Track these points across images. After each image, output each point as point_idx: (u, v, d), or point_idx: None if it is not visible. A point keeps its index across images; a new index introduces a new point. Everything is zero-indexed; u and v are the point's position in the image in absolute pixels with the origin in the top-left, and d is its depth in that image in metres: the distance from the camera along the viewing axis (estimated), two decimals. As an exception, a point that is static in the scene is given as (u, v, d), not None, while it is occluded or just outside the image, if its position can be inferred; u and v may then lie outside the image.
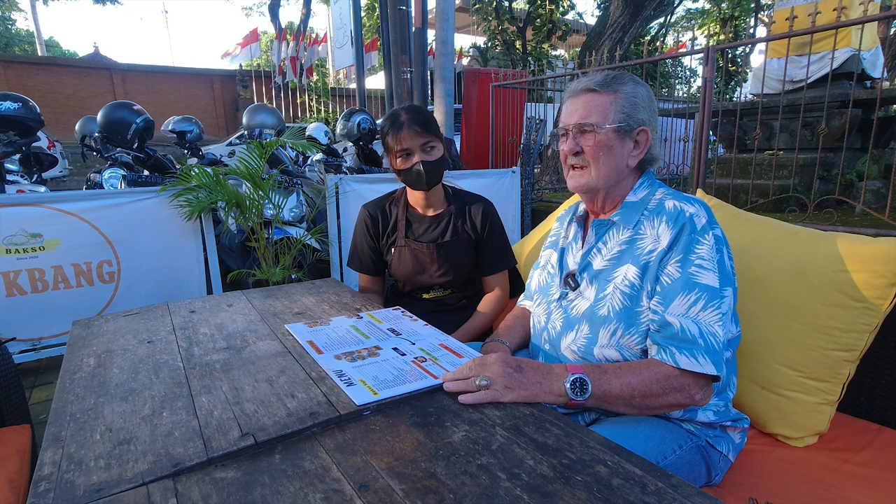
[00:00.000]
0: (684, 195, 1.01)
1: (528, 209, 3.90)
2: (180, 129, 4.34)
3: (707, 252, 0.93)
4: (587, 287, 1.05)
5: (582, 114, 1.04)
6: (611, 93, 1.02)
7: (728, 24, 6.47)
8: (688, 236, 0.95)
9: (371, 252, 1.67)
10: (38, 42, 19.12)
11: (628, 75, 1.05)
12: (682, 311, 0.91)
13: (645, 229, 1.01)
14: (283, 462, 0.69)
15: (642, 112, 1.03)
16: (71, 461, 0.70)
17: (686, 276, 0.93)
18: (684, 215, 0.96)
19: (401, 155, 1.50)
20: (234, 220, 2.88)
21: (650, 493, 0.62)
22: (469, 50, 15.37)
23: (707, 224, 0.96)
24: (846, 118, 3.58)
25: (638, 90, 1.03)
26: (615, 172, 1.04)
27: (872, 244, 1.14)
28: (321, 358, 1.01)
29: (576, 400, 0.88)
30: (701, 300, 0.91)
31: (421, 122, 1.48)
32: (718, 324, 0.90)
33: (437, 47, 6.09)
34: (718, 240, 0.96)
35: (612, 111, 1.02)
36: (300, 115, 13.77)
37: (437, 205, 1.64)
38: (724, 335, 0.91)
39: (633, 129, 1.03)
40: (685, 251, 0.94)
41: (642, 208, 1.03)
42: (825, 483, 1.03)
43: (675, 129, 5.22)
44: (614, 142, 1.03)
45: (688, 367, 0.88)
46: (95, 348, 1.10)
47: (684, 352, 0.89)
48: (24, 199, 2.29)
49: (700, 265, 0.93)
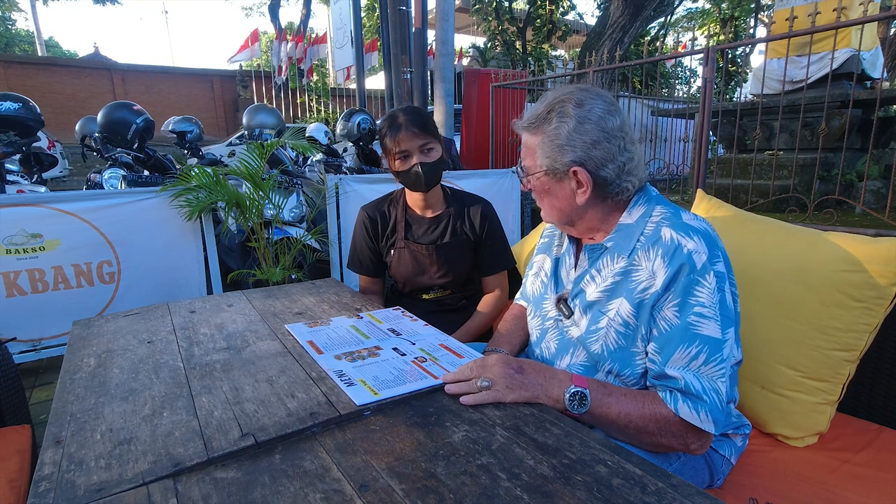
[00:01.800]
0: (683, 223, 0.91)
1: (528, 209, 3.90)
2: (180, 130, 4.34)
3: (707, 296, 0.86)
4: (581, 316, 1.00)
5: (522, 154, 1.01)
6: (539, 133, 0.95)
7: (728, 25, 6.47)
8: (686, 278, 0.86)
9: (371, 254, 1.67)
10: (38, 42, 19.12)
11: (560, 106, 0.94)
12: (683, 365, 0.86)
13: (640, 260, 0.92)
14: (283, 462, 0.69)
15: (569, 153, 0.92)
16: (71, 461, 0.70)
17: (685, 326, 0.86)
18: (682, 253, 0.87)
19: (399, 157, 1.48)
20: (234, 221, 2.88)
21: (650, 493, 0.62)
22: (469, 50, 15.36)
23: (707, 262, 0.87)
24: (846, 118, 3.58)
25: (560, 130, 0.92)
26: (565, 213, 0.99)
27: (872, 244, 1.14)
28: (321, 358, 1.01)
29: (571, 412, 0.86)
30: (703, 353, 0.85)
31: (419, 123, 1.47)
32: (721, 379, 0.85)
33: (437, 47, 6.09)
34: (720, 277, 0.88)
35: (538, 155, 0.96)
36: (300, 115, 13.77)
37: (435, 206, 1.63)
38: (726, 391, 0.86)
39: (565, 171, 0.94)
40: (683, 294, 0.87)
41: (638, 232, 0.94)
42: (825, 483, 1.03)
43: (675, 130, 5.22)
44: (550, 184, 0.97)
45: (687, 419, 0.84)
46: (96, 348, 1.10)
47: (687, 402, 0.85)
48: (24, 199, 2.29)
49: (701, 314, 0.86)
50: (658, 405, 0.87)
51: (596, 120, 0.92)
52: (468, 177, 3.38)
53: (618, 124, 0.93)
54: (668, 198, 1.11)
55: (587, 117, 0.92)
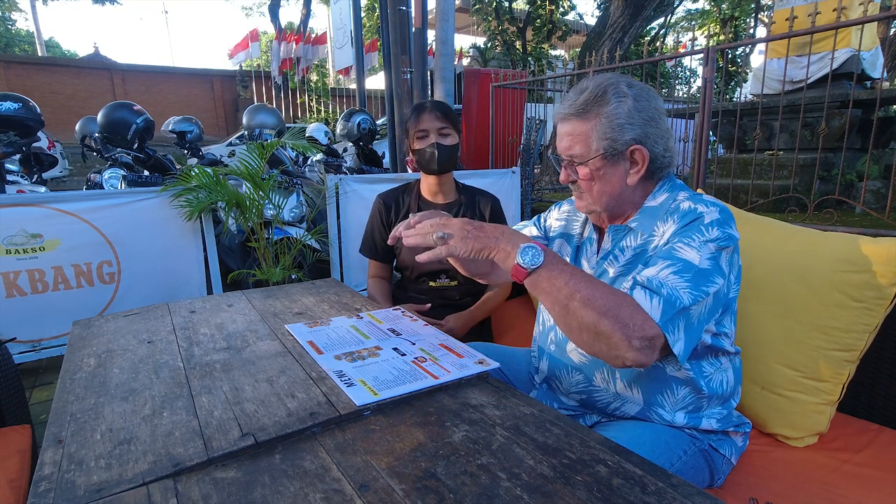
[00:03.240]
0: (704, 198, 0.95)
1: (528, 209, 3.90)
2: (180, 130, 4.35)
3: (699, 239, 0.88)
4: None
5: (567, 144, 0.99)
6: (592, 118, 0.95)
7: (728, 25, 6.47)
8: (691, 225, 0.90)
9: (384, 241, 1.75)
10: (38, 42, 19.12)
11: (613, 87, 0.96)
12: (652, 275, 0.86)
13: (658, 229, 0.96)
14: (283, 462, 0.69)
15: (630, 131, 0.94)
16: (71, 461, 0.70)
17: (669, 250, 0.89)
18: (695, 212, 0.91)
19: (419, 135, 1.63)
20: (234, 221, 2.88)
21: (650, 492, 0.62)
22: (469, 50, 15.36)
23: (716, 221, 0.90)
24: (846, 118, 3.58)
25: (620, 108, 0.94)
26: (614, 197, 0.99)
27: (872, 244, 1.14)
28: (321, 358, 1.01)
29: (520, 265, 0.83)
30: (672, 268, 0.85)
31: (442, 109, 1.64)
32: (685, 291, 0.83)
33: (437, 47, 6.09)
34: (727, 238, 0.89)
35: (594, 139, 0.96)
36: (300, 115, 13.77)
37: (448, 194, 1.75)
38: (688, 302, 0.82)
39: (623, 151, 0.96)
40: (681, 234, 0.90)
41: (661, 213, 0.97)
42: (825, 483, 1.03)
43: (675, 130, 5.21)
44: (606, 168, 0.97)
45: (638, 300, 0.82)
46: (96, 348, 1.10)
47: (644, 290, 0.83)
48: (24, 199, 2.29)
49: (686, 243, 0.88)
50: (613, 290, 0.83)
51: (648, 98, 0.96)
52: (468, 177, 3.38)
53: (661, 104, 0.98)
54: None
55: (641, 95, 0.96)
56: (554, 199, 4.35)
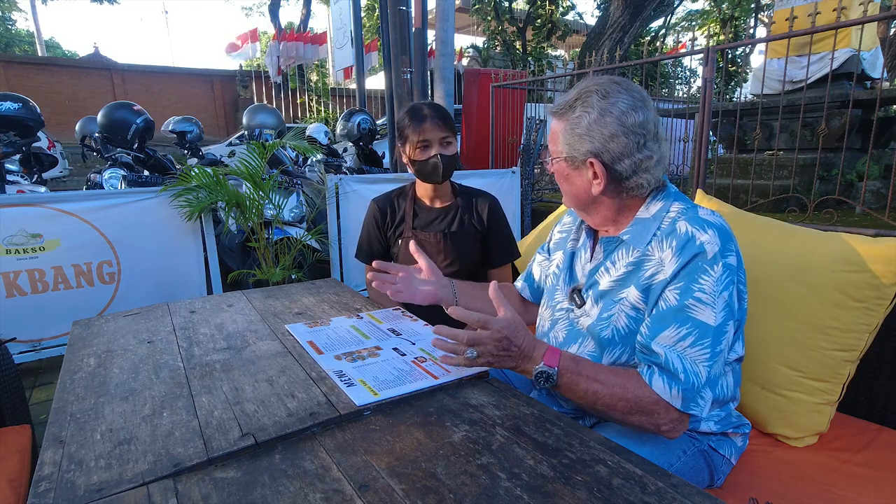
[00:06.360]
0: (699, 218, 0.91)
1: (528, 209, 3.90)
2: (180, 130, 4.35)
3: (711, 285, 0.86)
4: (592, 306, 1.02)
5: (549, 138, 1.03)
6: (563, 121, 0.97)
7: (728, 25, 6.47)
8: (694, 264, 0.87)
9: (380, 246, 1.72)
10: (38, 42, 19.10)
11: (585, 96, 0.95)
12: (670, 344, 0.86)
13: (653, 251, 0.93)
14: (283, 462, 0.69)
15: (588, 143, 0.93)
16: (71, 461, 0.70)
17: (681, 307, 0.87)
18: (694, 244, 0.88)
19: (420, 146, 1.54)
20: (234, 221, 2.88)
21: (650, 492, 0.62)
22: (469, 50, 15.35)
23: (719, 253, 0.87)
24: (846, 118, 3.58)
25: (581, 120, 0.93)
26: (581, 200, 1.01)
27: (872, 244, 1.14)
28: (321, 358, 1.01)
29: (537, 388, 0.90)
30: (691, 336, 0.86)
31: (442, 116, 1.56)
32: (705, 364, 0.85)
33: (437, 47, 6.08)
34: (729, 270, 0.88)
35: (560, 140, 0.98)
36: (300, 115, 13.76)
37: (444, 197, 1.70)
38: (707, 375, 0.85)
39: (584, 161, 0.95)
40: (688, 279, 0.87)
41: (654, 227, 0.95)
42: (825, 483, 1.03)
43: (675, 130, 5.22)
44: (570, 171, 0.99)
45: (658, 392, 0.85)
46: (96, 348, 1.10)
47: (662, 377, 0.86)
48: (24, 199, 2.29)
49: (700, 299, 0.86)
50: (632, 383, 0.87)
51: (618, 114, 0.92)
52: (468, 177, 3.38)
53: (639, 120, 0.92)
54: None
55: (609, 110, 0.92)
56: (554, 199, 4.35)
